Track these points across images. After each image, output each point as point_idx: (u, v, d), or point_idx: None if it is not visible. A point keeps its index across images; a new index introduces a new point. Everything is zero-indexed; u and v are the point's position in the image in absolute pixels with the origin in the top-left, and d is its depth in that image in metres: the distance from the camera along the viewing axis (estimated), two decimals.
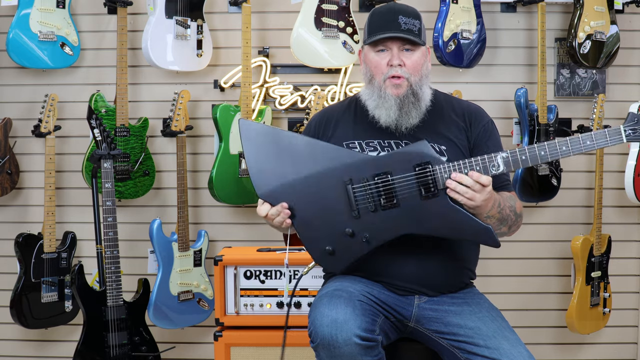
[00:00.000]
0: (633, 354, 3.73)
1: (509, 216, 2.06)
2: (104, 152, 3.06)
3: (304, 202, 2.05)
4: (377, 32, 2.11)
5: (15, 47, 3.23)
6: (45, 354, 3.62)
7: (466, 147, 2.18)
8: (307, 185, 2.04)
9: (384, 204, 1.98)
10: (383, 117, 2.13)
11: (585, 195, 3.67)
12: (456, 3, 3.39)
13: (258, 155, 2.07)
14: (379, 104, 2.13)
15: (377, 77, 2.13)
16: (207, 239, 3.46)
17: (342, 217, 2.02)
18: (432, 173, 1.95)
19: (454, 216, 1.96)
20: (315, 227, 2.07)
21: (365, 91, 2.19)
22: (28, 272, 3.24)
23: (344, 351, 1.86)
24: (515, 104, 3.48)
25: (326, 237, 2.05)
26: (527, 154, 1.93)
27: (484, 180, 1.92)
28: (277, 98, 3.55)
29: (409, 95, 2.11)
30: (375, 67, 2.13)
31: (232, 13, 3.56)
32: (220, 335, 2.68)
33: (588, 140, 1.91)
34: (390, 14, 2.11)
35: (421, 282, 2.10)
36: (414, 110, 2.12)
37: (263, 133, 2.09)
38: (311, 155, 2.05)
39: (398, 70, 2.10)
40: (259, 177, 2.07)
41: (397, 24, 2.09)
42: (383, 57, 2.12)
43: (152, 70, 3.50)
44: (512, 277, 3.68)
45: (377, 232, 2.01)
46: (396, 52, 2.11)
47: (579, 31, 3.43)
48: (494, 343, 1.95)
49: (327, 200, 2.02)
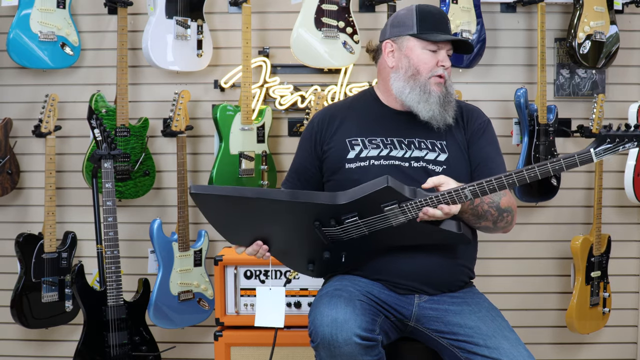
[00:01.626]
0: (633, 353, 3.73)
1: (489, 212, 2.07)
2: (104, 152, 3.06)
3: (277, 239, 2.09)
4: (433, 31, 2.19)
5: (16, 47, 3.23)
6: (46, 354, 3.63)
7: (464, 144, 2.21)
8: (278, 228, 2.06)
9: (356, 236, 2.03)
10: (424, 111, 2.19)
11: (585, 195, 3.68)
12: (456, 3, 3.40)
13: (218, 218, 2.06)
14: (422, 99, 2.19)
15: (423, 73, 2.20)
16: (207, 239, 3.46)
17: (316, 245, 2.07)
18: (401, 210, 1.94)
19: (424, 231, 2.00)
20: (292, 255, 2.16)
21: (402, 84, 2.22)
22: (28, 272, 3.24)
23: (344, 351, 1.86)
24: (515, 104, 3.48)
25: (305, 260, 2.14)
26: (494, 183, 1.91)
27: (454, 210, 1.94)
28: (277, 98, 3.55)
29: (447, 94, 2.21)
30: (424, 64, 2.20)
31: (232, 13, 3.56)
32: (221, 335, 2.68)
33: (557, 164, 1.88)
34: (441, 16, 2.25)
35: (421, 281, 2.11)
36: (450, 109, 2.21)
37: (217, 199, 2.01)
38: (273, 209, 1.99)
39: (443, 71, 2.21)
40: (226, 233, 2.09)
41: (449, 28, 2.24)
42: (434, 56, 2.20)
43: (153, 70, 3.50)
44: (512, 277, 3.69)
45: (353, 251, 2.08)
46: (445, 54, 2.21)
47: (578, 31, 3.43)
48: (494, 342, 1.95)
49: (299, 235, 2.06)
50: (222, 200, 1.98)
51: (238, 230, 2.07)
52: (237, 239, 2.11)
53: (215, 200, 1.99)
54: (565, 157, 1.87)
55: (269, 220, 2.02)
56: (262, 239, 2.08)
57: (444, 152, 2.17)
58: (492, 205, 2.07)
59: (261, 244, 2.08)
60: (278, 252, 2.14)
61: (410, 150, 2.18)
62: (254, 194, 1.96)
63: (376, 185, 1.90)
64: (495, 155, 2.22)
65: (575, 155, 1.86)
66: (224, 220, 2.05)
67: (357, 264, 2.14)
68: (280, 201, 1.96)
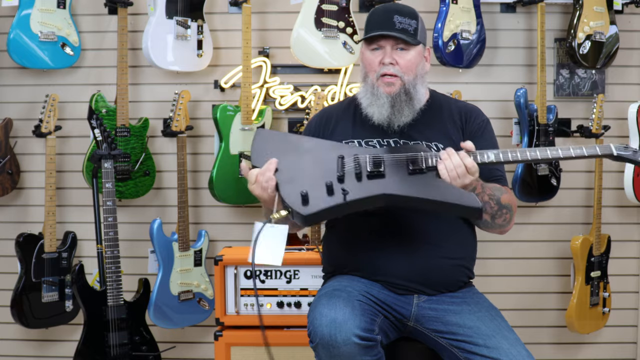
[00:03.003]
0: (633, 353, 3.74)
1: (488, 203, 2.05)
2: (104, 152, 3.06)
3: (292, 163, 2.04)
4: (371, 31, 2.14)
5: (16, 48, 3.23)
6: (46, 354, 3.63)
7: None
8: (299, 156, 2.06)
9: (370, 171, 1.98)
10: (376, 114, 2.15)
11: (585, 195, 3.68)
12: (456, 3, 3.40)
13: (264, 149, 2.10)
14: (372, 102, 2.16)
15: (370, 75, 2.16)
16: (207, 238, 3.47)
17: (325, 174, 1.99)
18: (421, 155, 2.00)
19: (437, 185, 1.97)
20: (296, 178, 2.01)
21: (360, 90, 2.23)
22: (29, 272, 3.24)
23: (343, 351, 1.86)
24: (514, 104, 3.48)
25: (303, 184, 1.98)
26: (518, 152, 2.01)
27: (468, 162, 1.96)
28: (277, 98, 3.55)
29: (401, 94, 2.13)
30: (369, 65, 2.16)
31: (232, 13, 3.56)
32: (221, 335, 2.68)
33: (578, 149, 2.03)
34: (386, 13, 2.13)
35: (420, 281, 2.11)
36: (407, 109, 2.15)
37: (277, 138, 2.17)
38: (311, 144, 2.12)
39: (390, 68, 2.12)
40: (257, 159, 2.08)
41: (391, 23, 2.11)
42: (377, 56, 2.15)
43: (153, 70, 3.51)
44: (512, 277, 3.69)
45: (356, 190, 1.95)
46: (389, 51, 2.13)
47: (578, 31, 3.43)
48: (493, 342, 1.95)
49: (315, 163, 2.03)
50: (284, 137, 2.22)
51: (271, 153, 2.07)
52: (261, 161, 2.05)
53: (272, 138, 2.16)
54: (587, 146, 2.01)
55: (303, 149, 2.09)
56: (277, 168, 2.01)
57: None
58: (492, 197, 2.06)
59: (274, 161, 2.00)
60: (284, 177, 2.01)
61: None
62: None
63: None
64: None
65: (596, 146, 2.00)
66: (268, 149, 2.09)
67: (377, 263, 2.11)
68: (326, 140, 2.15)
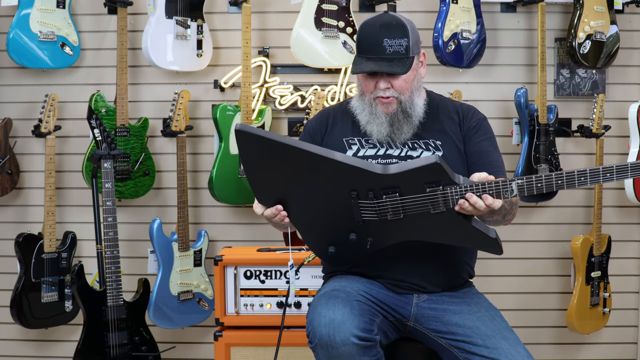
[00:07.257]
0: (633, 353, 3.73)
1: (503, 206, 2.04)
2: (104, 152, 3.06)
3: (305, 207, 2.01)
4: (363, 55, 2.09)
5: (16, 47, 3.23)
6: (46, 354, 3.63)
7: (460, 140, 2.20)
8: (309, 192, 1.97)
9: (390, 218, 1.94)
10: (375, 132, 2.16)
11: (585, 195, 3.67)
12: (456, 3, 3.40)
13: (252, 164, 1.98)
14: (370, 120, 2.16)
15: (367, 94, 2.16)
16: (207, 239, 3.46)
17: (345, 222, 1.98)
18: (443, 195, 1.87)
19: (460, 228, 1.94)
20: (316, 229, 2.04)
21: (356, 103, 2.21)
22: (28, 272, 3.24)
23: (342, 351, 1.86)
24: (515, 104, 3.48)
25: (328, 239, 2.03)
26: (544, 181, 1.86)
27: (496, 205, 1.87)
28: (277, 98, 3.55)
29: (398, 113, 2.13)
30: (365, 86, 2.16)
31: (232, 13, 3.56)
32: (220, 335, 2.68)
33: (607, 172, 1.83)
34: (375, 37, 2.07)
35: (420, 279, 2.11)
36: (406, 126, 2.15)
37: (261, 142, 1.93)
38: (312, 166, 1.93)
39: (386, 92, 2.12)
40: (254, 184, 2.01)
41: (381, 49, 2.06)
42: (371, 80, 2.13)
43: (152, 70, 3.50)
44: (512, 277, 3.68)
45: (380, 238, 2.00)
46: (384, 78, 2.10)
47: (578, 31, 3.43)
48: (493, 342, 1.95)
49: (329, 205, 1.97)
50: (263, 143, 1.90)
51: (267, 183, 1.98)
52: (262, 194, 2.02)
53: (256, 141, 1.92)
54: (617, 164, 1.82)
55: (303, 178, 1.94)
56: (286, 204, 1.99)
57: (438, 150, 2.17)
58: (507, 200, 2.06)
59: (281, 208, 1.99)
60: (301, 223, 2.03)
61: (405, 149, 2.17)
62: (297, 144, 1.90)
63: (426, 160, 1.85)
64: (491, 150, 2.20)
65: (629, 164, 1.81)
66: (257, 167, 1.97)
67: (377, 261, 2.10)
68: (321, 157, 1.88)
